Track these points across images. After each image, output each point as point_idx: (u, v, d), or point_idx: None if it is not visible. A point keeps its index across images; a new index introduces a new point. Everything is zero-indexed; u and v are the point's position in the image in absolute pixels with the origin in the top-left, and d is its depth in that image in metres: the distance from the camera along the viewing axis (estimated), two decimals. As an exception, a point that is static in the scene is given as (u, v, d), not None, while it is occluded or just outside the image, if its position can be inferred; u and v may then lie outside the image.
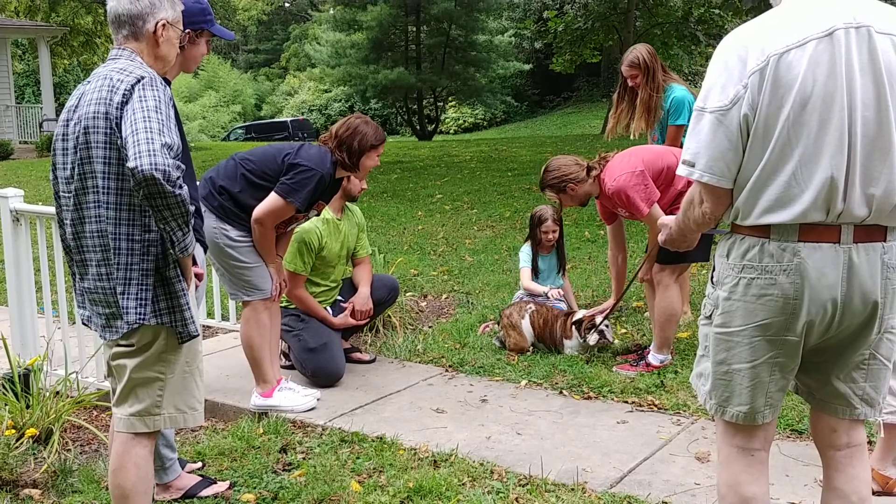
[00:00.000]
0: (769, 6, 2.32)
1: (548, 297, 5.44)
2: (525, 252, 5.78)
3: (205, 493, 3.33)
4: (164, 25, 2.72)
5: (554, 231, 5.68)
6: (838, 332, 2.20)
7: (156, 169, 2.40)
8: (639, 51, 5.27)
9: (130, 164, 2.42)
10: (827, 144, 2.07)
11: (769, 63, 2.07)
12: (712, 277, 2.31)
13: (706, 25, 21.18)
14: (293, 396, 4.18)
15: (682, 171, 2.20)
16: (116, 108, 2.55)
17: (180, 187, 2.47)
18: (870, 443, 3.05)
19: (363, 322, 4.89)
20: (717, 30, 23.50)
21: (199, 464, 3.61)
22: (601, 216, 5.13)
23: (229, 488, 3.38)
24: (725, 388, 2.28)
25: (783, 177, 2.10)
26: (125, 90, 2.55)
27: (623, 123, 5.41)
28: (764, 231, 2.15)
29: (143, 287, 2.63)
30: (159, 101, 2.54)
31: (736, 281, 2.20)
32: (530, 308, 5.00)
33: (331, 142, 4.13)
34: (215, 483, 3.39)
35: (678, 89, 5.22)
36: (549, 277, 5.73)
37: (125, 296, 2.62)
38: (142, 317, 2.63)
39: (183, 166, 2.53)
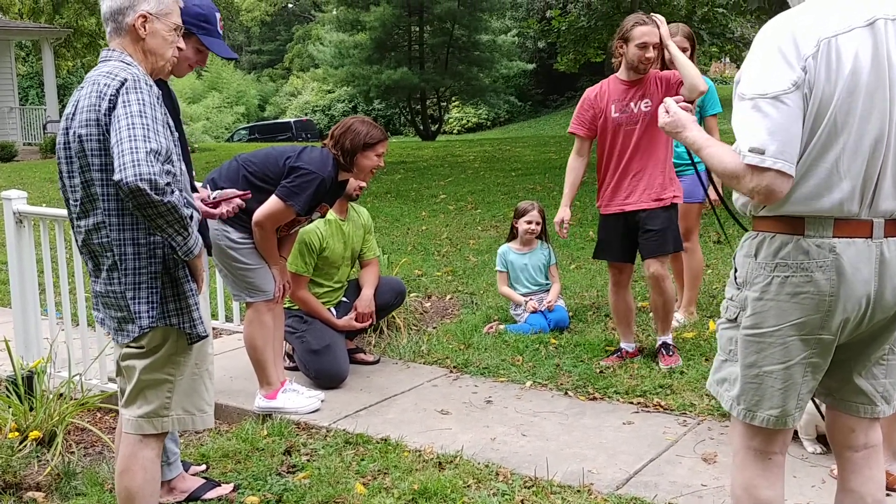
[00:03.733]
0: (776, 5, 2.30)
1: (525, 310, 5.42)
2: (499, 255, 5.70)
3: (209, 495, 3.32)
4: (144, 17, 2.66)
5: (538, 223, 5.60)
6: (868, 327, 2.18)
7: (140, 179, 2.37)
8: (686, 27, 5.11)
9: (116, 176, 2.39)
10: (868, 133, 2.05)
11: (820, 48, 2.04)
12: (735, 279, 2.26)
13: (710, 24, 21.13)
14: (297, 398, 4.17)
15: (749, 159, 2.05)
16: (105, 115, 2.52)
17: (171, 193, 2.44)
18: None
19: (366, 324, 4.87)
20: (721, 29, 23.46)
21: (203, 466, 3.60)
22: (579, 123, 4.75)
23: (233, 490, 3.36)
24: (756, 392, 2.22)
25: (826, 164, 2.07)
26: (111, 95, 2.51)
27: None
28: (796, 227, 2.11)
29: (153, 290, 2.62)
30: (143, 105, 2.49)
31: (769, 280, 2.14)
32: None
33: (329, 143, 4.12)
34: (219, 485, 3.38)
35: (707, 80, 5.17)
36: (531, 277, 5.62)
37: (136, 300, 2.61)
38: (153, 320, 2.63)
39: (173, 170, 2.51)
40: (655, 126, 4.43)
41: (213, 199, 3.18)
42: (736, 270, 2.26)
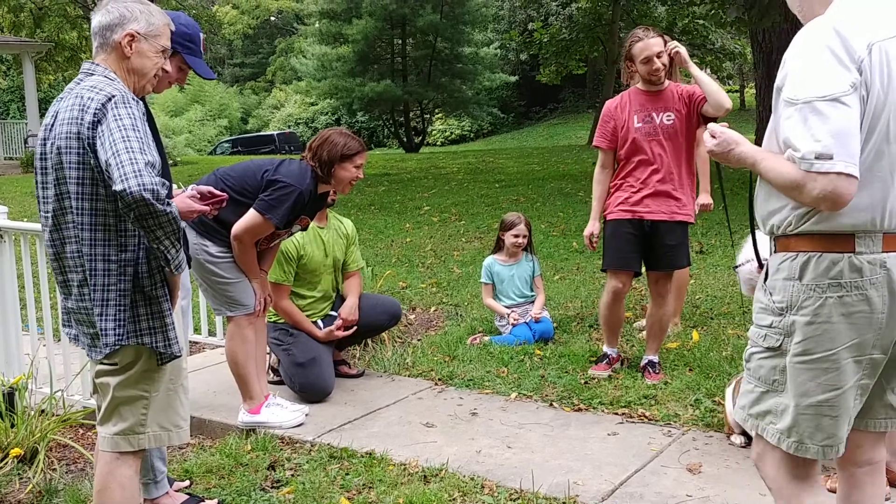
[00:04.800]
0: (755, 18, 2.31)
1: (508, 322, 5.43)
2: (484, 266, 5.71)
3: None
4: (132, 36, 2.66)
5: (524, 237, 5.61)
6: None
7: (144, 189, 2.37)
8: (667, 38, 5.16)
9: (117, 187, 2.38)
10: None
11: (872, 51, 1.99)
12: (773, 305, 2.14)
13: (690, 36, 21.33)
14: (281, 412, 4.15)
15: (812, 165, 1.93)
16: (88, 128, 2.50)
17: (170, 204, 2.45)
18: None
19: (348, 333, 4.83)
20: (702, 40, 23.65)
21: (187, 482, 3.57)
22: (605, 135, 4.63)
23: None
24: (810, 422, 2.10)
25: (880, 173, 2.02)
26: (96, 109, 2.50)
27: None
28: (846, 244, 2.03)
29: (121, 307, 2.59)
30: (135, 119, 2.49)
31: (821, 302, 2.05)
32: None
33: (308, 155, 4.11)
34: (203, 501, 3.35)
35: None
36: (516, 289, 5.63)
37: (103, 317, 2.59)
38: (121, 338, 2.60)
39: (168, 183, 2.50)
40: (678, 140, 4.45)
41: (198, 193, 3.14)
42: (770, 295, 2.15)
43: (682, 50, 4.42)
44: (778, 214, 2.13)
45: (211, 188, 2.93)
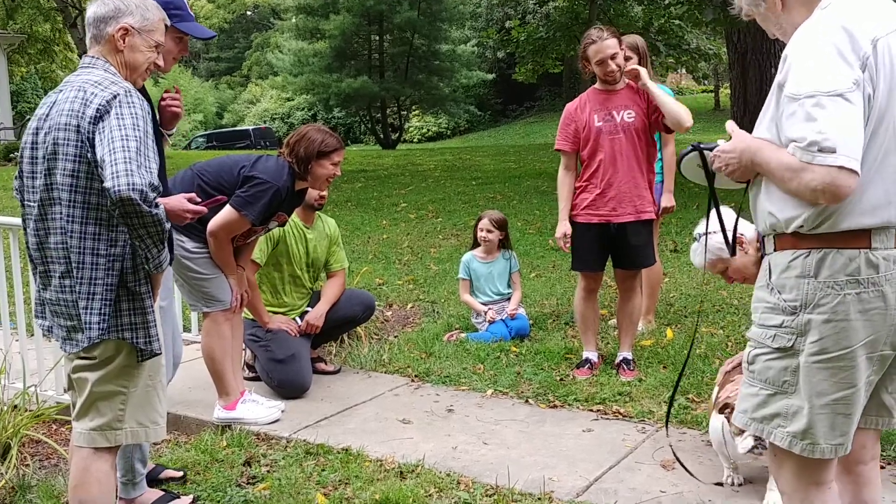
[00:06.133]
0: (731, 18, 2.31)
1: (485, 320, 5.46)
2: (462, 262, 5.74)
3: None
4: (125, 30, 2.67)
5: (489, 230, 5.64)
6: None
7: (132, 189, 2.38)
8: (637, 38, 5.15)
9: (107, 184, 2.40)
10: None
11: (877, 46, 1.98)
12: (783, 304, 2.09)
13: (666, 36, 21.43)
14: (257, 409, 4.14)
15: (820, 158, 1.90)
16: (89, 123, 2.51)
17: (157, 206, 2.46)
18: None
19: (312, 331, 4.82)
20: (677, 40, 23.77)
21: (181, 473, 3.54)
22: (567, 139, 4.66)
23: (193, 502, 3.33)
24: (825, 422, 2.07)
25: (890, 169, 2.01)
26: (99, 105, 2.51)
27: None
28: (862, 240, 2.01)
29: (107, 302, 2.59)
30: (136, 118, 2.51)
31: (839, 299, 2.01)
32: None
33: (285, 151, 4.09)
34: (178, 497, 3.34)
35: (666, 88, 5.22)
36: (493, 286, 5.64)
37: (88, 310, 2.58)
38: (104, 332, 2.59)
39: (160, 186, 2.50)
40: (639, 136, 4.48)
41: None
42: (779, 294, 2.10)
43: (643, 72, 4.41)
44: (791, 210, 2.07)
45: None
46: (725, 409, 3.13)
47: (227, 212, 3.87)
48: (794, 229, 2.06)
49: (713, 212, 2.60)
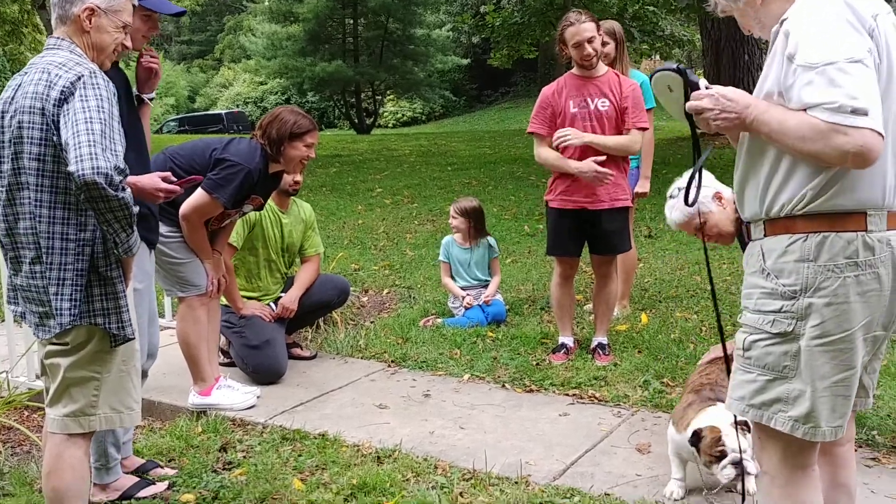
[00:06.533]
0: (704, 3, 2.29)
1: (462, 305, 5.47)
2: (443, 245, 5.74)
3: (142, 493, 3.25)
4: (91, 11, 2.61)
5: (454, 217, 5.62)
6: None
7: (97, 173, 2.34)
8: (614, 23, 5.14)
9: (71, 168, 2.36)
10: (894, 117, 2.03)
11: (877, 20, 1.99)
12: (781, 289, 2.07)
13: (640, 22, 21.46)
14: (232, 394, 4.11)
15: (853, 120, 1.86)
16: (54, 105, 2.46)
17: (123, 190, 2.42)
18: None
19: (287, 315, 4.80)
20: (651, 27, 23.82)
21: (175, 470, 3.47)
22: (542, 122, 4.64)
23: (168, 489, 3.31)
24: (827, 404, 2.06)
25: (888, 146, 2.01)
26: (63, 87, 2.46)
27: None
28: (859, 222, 2.02)
29: (77, 287, 2.55)
30: (101, 100, 2.46)
31: (840, 282, 2.01)
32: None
33: (258, 133, 4.05)
34: (153, 484, 3.32)
35: (640, 74, 5.21)
36: (471, 273, 5.65)
37: (58, 296, 2.55)
38: (75, 317, 2.56)
39: (126, 169, 2.45)
40: (613, 125, 4.49)
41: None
42: (777, 278, 2.08)
43: (573, 140, 4.40)
44: (786, 192, 2.06)
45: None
46: (696, 438, 3.00)
47: (198, 195, 3.83)
48: (792, 209, 2.05)
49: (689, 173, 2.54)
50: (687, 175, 2.56)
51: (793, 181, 2.05)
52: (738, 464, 2.85)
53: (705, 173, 2.74)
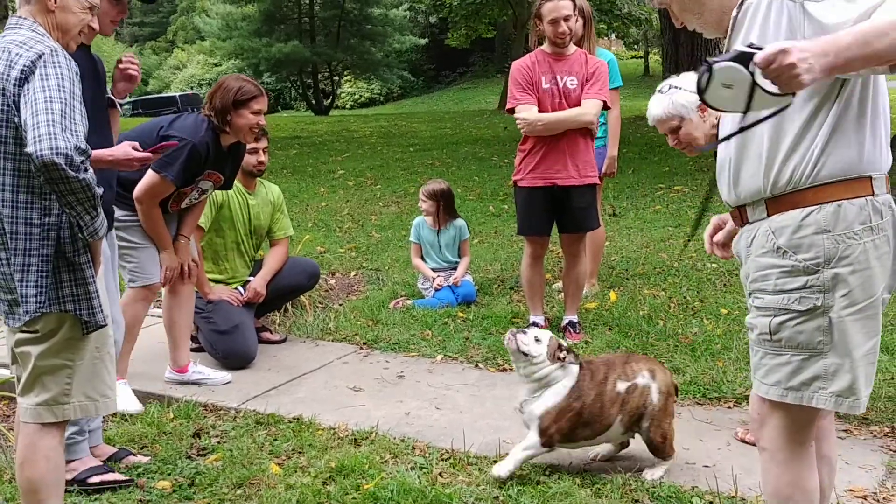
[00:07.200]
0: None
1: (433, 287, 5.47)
2: (414, 225, 5.74)
3: (92, 479, 3.13)
4: None
5: (423, 201, 5.62)
6: None
7: (56, 153, 2.27)
8: (583, 1, 4.98)
9: (29, 148, 2.28)
10: None
11: None
12: (802, 263, 2.02)
13: (598, 1, 21.53)
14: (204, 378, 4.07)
15: None
16: (14, 85, 2.39)
17: (84, 170, 2.34)
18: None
19: (256, 299, 4.74)
20: (609, 5, 23.91)
21: (147, 458, 3.39)
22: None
23: (127, 482, 3.15)
24: (863, 373, 2.04)
25: (882, 111, 2.04)
26: (24, 66, 2.39)
27: None
28: (866, 188, 2.01)
29: (43, 273, 2.49)
30: (62, 79, 2.38)
31: (861, 248, 1.99)
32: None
33: (206, 106, 3.96)
34: (111, 472, 3.22)
35: (607, 52, 5.20)
36: (441, 254, 5.65)
37: (24, 283, 2.48)
38: (42, 305, 2.49)
39: (88, 149, 2.39)
40: (579, 105, 4.50)
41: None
42: (795, 254, 2.03)
43: (536, 125, 4.46)
44: (795, 155, 2.01)
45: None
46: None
47: (148, 175, 3.75)
48: (801, 176, 2.01)
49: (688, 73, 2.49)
50: (683, 74, 2.52)
51: (800, 148, 2.01)
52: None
53: (692, 77, 2.61)
